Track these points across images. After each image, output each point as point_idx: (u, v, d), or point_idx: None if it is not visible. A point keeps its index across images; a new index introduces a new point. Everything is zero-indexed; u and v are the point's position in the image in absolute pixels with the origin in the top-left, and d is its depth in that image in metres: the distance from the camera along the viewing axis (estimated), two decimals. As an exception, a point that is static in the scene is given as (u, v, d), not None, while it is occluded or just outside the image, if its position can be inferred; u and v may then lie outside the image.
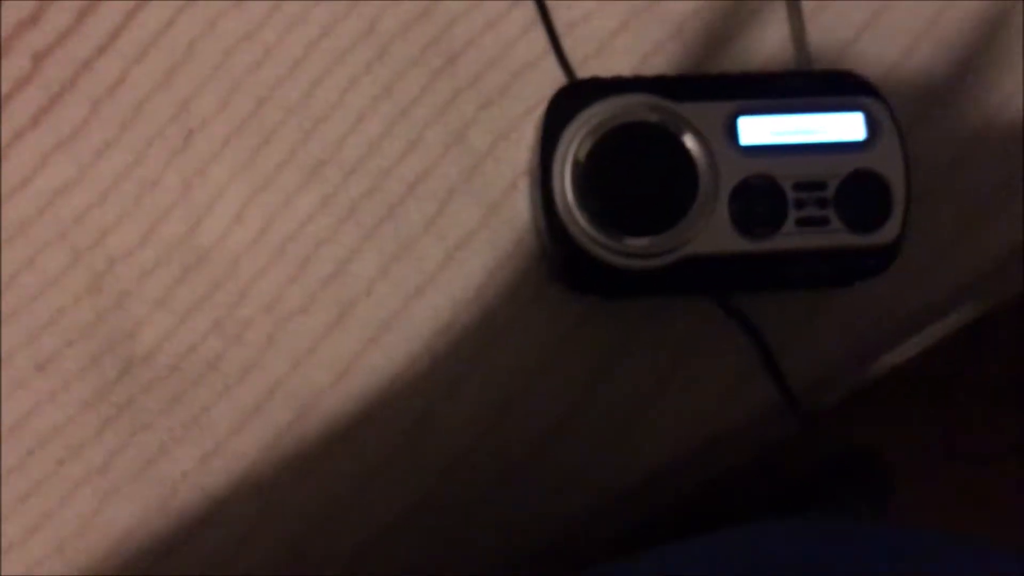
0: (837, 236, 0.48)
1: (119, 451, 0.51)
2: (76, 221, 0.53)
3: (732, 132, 0.48)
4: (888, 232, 0.48)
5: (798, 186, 0.48)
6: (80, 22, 0.54)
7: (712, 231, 0.48)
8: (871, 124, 0.48)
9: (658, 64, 0.55)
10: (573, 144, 0.48)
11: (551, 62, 0.54)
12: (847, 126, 0.48)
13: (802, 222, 0.48)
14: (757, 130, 0.48)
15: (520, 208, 0.53)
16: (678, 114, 0.48)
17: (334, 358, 0.52)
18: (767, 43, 0.55)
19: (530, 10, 0.55)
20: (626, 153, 0.48)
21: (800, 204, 0.48)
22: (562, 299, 0.52)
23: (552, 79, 0.54)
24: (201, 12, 0.54)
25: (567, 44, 0.55)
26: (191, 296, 0.52)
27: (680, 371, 0.53)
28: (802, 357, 0.53)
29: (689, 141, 0.48)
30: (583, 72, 0.54)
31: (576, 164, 0.48)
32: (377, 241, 0.53)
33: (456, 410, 0.52)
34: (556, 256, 0.49)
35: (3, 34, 0.54)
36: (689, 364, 0.53)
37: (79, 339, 0.52)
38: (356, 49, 0.54)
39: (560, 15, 0.55)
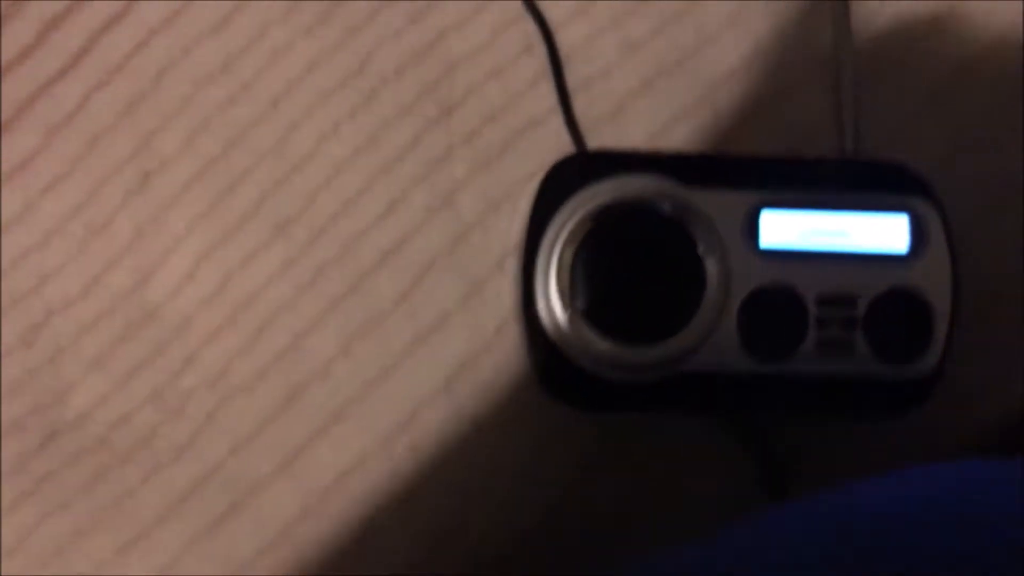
0: (864, 365, 0.41)
1: (29, 533, 0.46)
2: (13, 264, 0.47)
3: (752, 229, 0.41)
4: (925, 364, 0.41)
5: (822, 301, 0.41)
6: (43, 39, 0.49)
7: (716, 346, 0.41)
8: (917, 232, 0.41)
9: (680, 133, 0.48)
10: (565, 229, 0.41)
11: (560, 121, 0.48)
12: (888, 232, 0.41)
13: (824, 344, 0.41)
14: (781, 229, 0.41)
15: (504, 292, 0.47)
16: (689, 203, 0.41)
17: (277, 446, 0.46)
18: (811, 118, 0.48)
19: (544, 60, 0.48)
20: (624, 245, 0.42)
21: (823, 323, 0.41)
22: (543, 400, 0.46)
23: (559, 141, 0.48)
24: (177, 38, 0.48)
25: (581, 102, 0.48)
26: (131, 359, 0.47)
27: (673, 488, 0.46)
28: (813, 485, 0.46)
29: (700, 237, 0.41)
30: (594, 136, 0.47)
31: (565, 253, 0.41)
32: (340, 315, 0.47)
33: (410, 517, 0.46)
34: (533, 358, 0.43)
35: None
36: (684, 481, 0.46)
37: (2, 399, 0.46)
38: (342, 90, 0.48)
39: (575, 69, 0.48)
